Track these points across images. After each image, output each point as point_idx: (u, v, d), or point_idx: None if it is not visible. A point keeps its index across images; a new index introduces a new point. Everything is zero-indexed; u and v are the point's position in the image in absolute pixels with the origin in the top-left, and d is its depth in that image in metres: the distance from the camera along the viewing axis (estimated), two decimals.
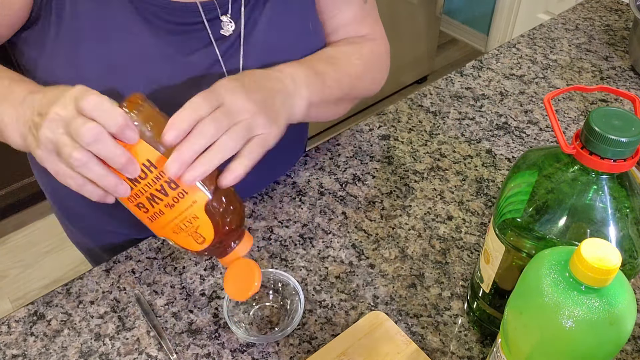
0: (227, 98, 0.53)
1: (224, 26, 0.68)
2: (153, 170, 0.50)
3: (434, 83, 1.05)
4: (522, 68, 1.09)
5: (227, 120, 0.52)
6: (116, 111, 0.47)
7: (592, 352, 0.44)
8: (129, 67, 0.64)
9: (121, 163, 0.48)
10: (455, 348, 0.66)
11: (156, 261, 0.74)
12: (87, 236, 0.89)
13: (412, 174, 0.87)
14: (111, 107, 0.47)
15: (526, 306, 0.47)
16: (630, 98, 0.51)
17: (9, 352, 0.65)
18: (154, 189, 0.51)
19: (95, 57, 0.63)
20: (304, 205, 0.82)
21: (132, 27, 0.64)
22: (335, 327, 0.68)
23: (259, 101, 0.55)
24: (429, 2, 2.36)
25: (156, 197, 0.52)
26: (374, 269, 0.74)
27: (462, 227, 0.79)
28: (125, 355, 0.65)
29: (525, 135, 0.94)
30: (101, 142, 0.47)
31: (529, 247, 0.53)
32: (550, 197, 0.51)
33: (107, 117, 0.47)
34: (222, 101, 0.53)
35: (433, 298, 0.71)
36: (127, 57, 0.64)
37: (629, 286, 0.45)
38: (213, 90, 0.52)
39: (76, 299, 0.70)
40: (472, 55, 2.91)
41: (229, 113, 0.52)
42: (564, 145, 0.49)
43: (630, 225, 0.50)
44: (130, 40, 0.64)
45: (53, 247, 1.98)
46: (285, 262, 0.74)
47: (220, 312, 0.69)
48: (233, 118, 0.52)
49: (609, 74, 1.07)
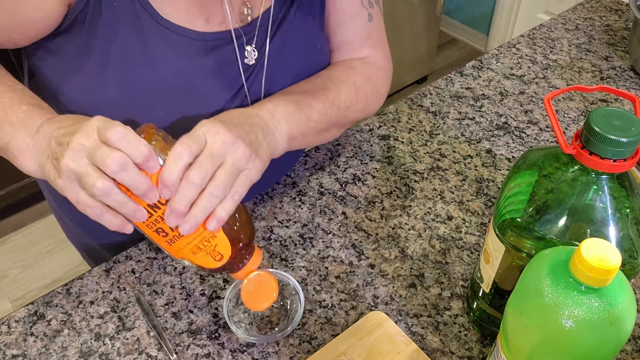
0: (208, 139, 0.54)
1: (248, 55, 0.70)
2: None
3: (434, 83, 1.05)
4: (522, 68, 1.09)
5: (211, 163, 0.53)
6: (141, 142, 0.49)
7: (592, 352, 0.44)
8: (151, 93, 0.66)
9: (143, 190, 0.50)
10: (455, 348, 0.66)
11: (156, 261, 0.74)
12: (87, 235, 0.89)
13: (412, 174, 0.87)
14: (137, 138, 0.49)
15: (526, 306, 0.47)
16: (630, 98, 0.51)
17: (9, 352, 0.65)
18: None
19: (119, 81, 0.64)
20: (304, 205, 0.82)
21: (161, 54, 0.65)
22: (335, 327, 0.68)
23: (239, 134, 0.56)
24: (429, 2, 2.36)
25: None
26: (374, 269, 0.74)
27: (462, 227, 0.79)
28: (125, 355, 0.65)
29: (525, 135, 0.94)
30: (127, 170, 0.48)
31: (529, 247, 0.53)
32: (550, 197, 0.51)
33: (133, 147, 0.49)
34: (204, 143, 0.54)
35: (433, 298, 0.71)
36: (151, 84, 0.65)
37: (629, 286, 0.45)
38: (192, 135, 0.53)
39: (76, 299, 0.70)
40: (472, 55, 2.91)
41: (212, 155, 0.53)
42: (564, 145, 0.49)
43: (630, 225, 0.50)
44: (156, 68, 0.65)
45: (53, 247, 1.98)
46: (285, 262, 0.74)
47: (220, 312, 0.69)
48: (217, 159, 0.53)
49: (609, 74, 1.07)
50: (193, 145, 0.52)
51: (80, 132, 0.50)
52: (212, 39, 0.67)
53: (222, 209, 0.54)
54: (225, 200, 0.54)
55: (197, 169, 0.52)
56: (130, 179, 0.49)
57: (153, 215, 0.52)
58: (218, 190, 0.53)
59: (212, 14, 0.66)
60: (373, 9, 0.79)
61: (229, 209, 0.54)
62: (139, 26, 0.63)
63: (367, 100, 0.78)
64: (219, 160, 0.54)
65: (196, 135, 0.53)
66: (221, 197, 0.53)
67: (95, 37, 0.62)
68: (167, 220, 0.52)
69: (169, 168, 0.51)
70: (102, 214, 0.51)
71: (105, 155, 0.48)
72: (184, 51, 0.66)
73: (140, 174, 0.49)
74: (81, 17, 0.61)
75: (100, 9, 0.61)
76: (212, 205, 0.53)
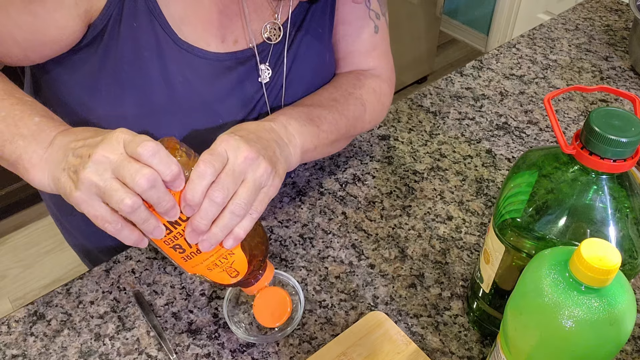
0: (230, 155, 0.53)
1: (262, 74, 0.71)
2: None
3: (434, 83, 1.05)
4: (522, 68, 1.09)
5: (233, 181, 0.52)
6: (172, 160, 0.48)
7: (592, 352, 0.44)
8: (167, 112, 0.66)
9: (167, 208, 0.49)
10: (455, 348, 0.66)
11: (156, 261, 0.74)
12: (85, 239, 0.89)
13: (412, 174, 0.87)
14: (168, 156, 0.48)
15: (526, 306, 0.47)
16: (630, 98, 0.51)
17: (9, 352, 0.65)
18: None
19: (136, 101, 0.65)
20: (303, 205, 0.82)
21: (179, 76, 0.65)
22: (335, 327, 0.68)
23: (260, 150, 0.56)
24: (429, 2, 2.36)
25: None
26: (374, 269, 0.74)
27: (462, 227, 0.79)
28: (125, 355, 0.65)
29: (525, 135, 0.94)
30: (155, 188, 0.47)
31: (529, 247, 0.53)
32: (550, 197, 0.51)
33: (165, 165, 0.48)
34: (225, 160, 0.53)
35: (433, 298, 0.71)
36: (168, 104, 0.66)
37: (629, 286, 0.45)
38: (214, 152, 0.52)
39: (76, 299, 0.70)
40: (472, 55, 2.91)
41: (234, 172, 0.52)
42: (564, 145, 0.49)
43: (630, 225, 0.50)
44: (173, 89, 0.65)
45: (53, 247, 1.98)
46: (285, 262, 0.74)
47: (220, 312, 0.69)
48: (238, 177, 0.53)
49: (609, 74, 1.07)
50: (216, 163, 0.51)
51: (104, 144, 0.49)
52: (227, 58, 0.67)
53: (240, 228, 0.53)
54: (245, 218, 0.53)
55: (219, 188, 0.51)
56: (157, 197, 0.48)
57: (172, 232, 0.52)
58: (239, 209, 0.52)
59: (227, 34, 0.67)
60: (379, 20, 0.79)
61: (247, 228, 0.54)
62: (159, 48, 0.63)
63: (373, 111, 0.79)
64: (241, 177, 0.53)
65: (218, 152, 0.52)
66: (242, 215, 0.53)
67: (113, 57, 0.62)
68: (188, 237, 0.51)
69: (193, 187, 0.50)
70: (122, 229, 0.50)
71: (135, 171, 0.47)
72: (201, 72, 0.66)
73: (167, 192, 0.48)
74: (100, 35, 0.62)
75: (119, 29, 0.61)
76: (233, 224, 0.52)
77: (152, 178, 0.47)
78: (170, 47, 0.63)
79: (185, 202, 0.50)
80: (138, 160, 0.47)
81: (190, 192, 0.49)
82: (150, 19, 0.61)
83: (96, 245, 0.89)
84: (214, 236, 0.52)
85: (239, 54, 0.68)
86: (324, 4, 0.73)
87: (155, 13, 0.61)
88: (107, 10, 0.60)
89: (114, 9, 0.60)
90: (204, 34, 0.65)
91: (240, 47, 0.69)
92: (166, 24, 0.62)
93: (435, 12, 2.43)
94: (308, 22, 0.72)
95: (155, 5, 0.61)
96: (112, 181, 0.48)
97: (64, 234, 0.95)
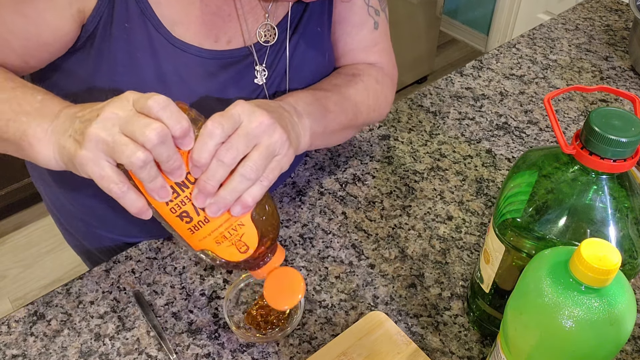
0: (244, 119, 0.51)
1: (257, 75, 0.70)
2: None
3: (434, 83, 1.05)
4: (522, 68, 1.09)
5: (245, 143, 0.50)
6: (182, 115, 0.46)
7: (592, 352, 0.44)
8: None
9: (174, 167, 0.47)
10: (455, 348, 0.66)
11: (156, 261, 0.74)
12: (84, 240, 0.89)
13: (412, 174, 0.87)
14: (178, 110, 0.46)
15: (526, 306, 0.47)
16: (630, 98, 0.51)
17: (9, 352, 0.65)
18: None
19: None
20: (304, 205, 0.82)
21: (174, 76, 0.65)
22: (335, 327, 0.68)
23: (276, 117, 0.54)
24: (429, 2, 2.36)
25: None
26: (374, 269, 0.74)
27: (462, 227, 0.79)
28: (125, 355, 0.65)
29: (525, 135, 0.94)
30: (165, 144, 0.46)
31: (529, 247, 0.53)
32: (550, 197, 0.51)
33: (175, 120, 0.46)
34: (238, 123, 0.51)
35: (433, 298, 0.71)
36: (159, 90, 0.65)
37: (629, 286, 0.45)
38: (226, 113, 0.50)
39: (76, 299, 0.70)
40: (472, 55, 2.91)
41: (247, 135, 0.50)
42: (564, 145, 0.49)
43: (630, 225, 0.50)
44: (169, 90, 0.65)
45: (53, 247, 1.98)
46: (285, 262, 0.74)
47: (220, 312, 0.69)
48: (251, 140, 0.51)
49: (609, 74, 1.07)
50: (226, 123, 0.49)
51: (113, 103, 0.47)
52: (222, 57, 0.67)
53: (249, 195, 0.51)
54: (254, 185, 0.51)
55: (228, 147, 0.49)
56: (167, 154, 0.46)
57: (180, 195, 0.49)
58: (250, 172, 0.50)
59: (220, 34, 0.67)
60: (379, 16, 0.79)
61: (256, 195, 0.51)
62: (152, 48, 0.62)
63: (377, 98, 0.78)
64: (254, 141, 0.51)
65: (230, 114, 0.50)
66: (253, 180, 0.50)
67: (106, 58, 0.62)
68: (194, 199, 0.49)
69: (200, 146, 0.48)
70: (128, 191, 0.48)
71: (145, 125, 0.44)
72: (196, 71, 0.66)
73: (175, 150, 0.47)
74: (92, 37, 0.61)
75: (111, 30, 0.61)
76: (243, 188, 0.50)
77: (163, 133, 0.45)
78: (164, 46, 0.63)
79: (192, 162, 0.48)
80: (148, 115, 0.46)
81: (197, 151, 0.48)
82: (142, 20, 0.61)
83: (95, 246, 0.89)
84: (221, 199, 0.49)
85: (235, 52, 0.68)
86: (322, 3, 0.73)
87: (147, 13, 0.61)
88: (98, 12, 0.60)
89: (105, 9, 0.60)
90: (196, 34, 0.65)
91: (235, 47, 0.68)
92: (159, 23, 0.62)
93: (435, 12, 2.43)
94: (306, 22, 0.72)
95: (147, 6, 0.61)
96: (120, 136, 0.46)
97: (64, 234, 0.95)
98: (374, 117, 0.79)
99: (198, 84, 0.66)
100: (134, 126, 0.45)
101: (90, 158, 0.47)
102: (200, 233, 0.52)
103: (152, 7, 0.61)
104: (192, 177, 0.49)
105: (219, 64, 0.67)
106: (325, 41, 0.76)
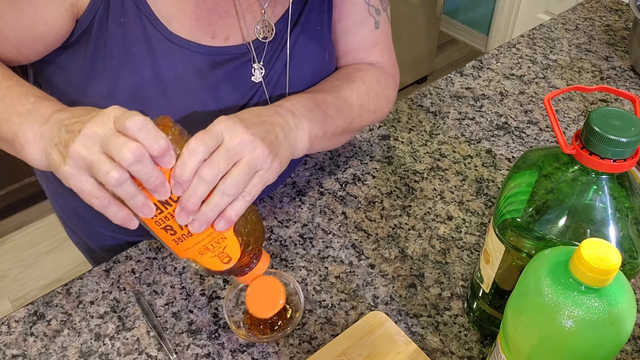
0: (225, 135, 0.52)
1: (254, 72, 0.70)
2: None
3: (434, 83, 1.05)
4: (522, 68, 1.09)
5: (225, 161, 0.51)
6: (160, 134, 0.47)
7: (592, 352, 0.44)
8: (160, 109, 0.66)
9: (155, 185, 0.48)
10: (455, 348, 0.66)
11: (156, 261, 0.74)
12: (87, 238, 0.90)
13: (412, 174, 0.87)
14: (156, 130, 0.47)
15: (526, 306, 0.47)
16: (630, 98, 0.51)
17: (9, 352, 0.65)
18: None
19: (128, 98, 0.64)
20: (304, 205, 0.82)
21: (171, 72, 0.65)
22: (335, 327, 0.68)
23: (259, 133, 0.55)
24: (429, 2, 2.36)
25: None
26: (374, 269, 0.74)
27: (462, 227, 0.79)
28: (125, 355, 0.65)
29: (525, 135, 0.94)
30: (142, 163, 0.46)
31: (529, 247, 0.53)
32: (550, 197, 0.51)
33: (152, 139, 0.47)
34: (220, 140, 0.52)
35: (433, 298, 0.71)
36: (161, 100, 0.65)
37: (629, 286, 0.45)
38: (209, 131, 0.51)
39: (76, 299, 0.70)
40: (472, 55, 2.91)
41: (228, 152, 0.51)
42: (564, 145, 0.49)
43: (630, 225, 0.50)
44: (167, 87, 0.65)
45: (53, 247, 1.98)
46: (285, 262, 0.74)
47: (220, 312, 0.69)
48: (232, 157, 0.52)
49: (609, 74, 1.07)
50: (209, 141, 0.50)
51: (94, 120, 0.48)
52: (220, 53, 0.67)
53: (232, 209, 0.52)
54: (237, 200, 0.52)
55: (209, 165, 0.50)
56: (144, 172, 0.47)
57: (163, 212, 0.51)
58: (230, 188, 0.51)
59: (217, 30, 0.66)
60: (380, 16, 0.79)
61: (239, 210, 0.52)
62: (148, 44, 0.62)
63: (378, 101, 0.78)
64: (235, 158, 0.52)
65: (213, 131, 0.51)
66: (233, 196, 0.51)
67: (102, 54, 0.62)
68: (177, 217, 0.50)
69: (182, 164, 0.49)
70: (109, 205, 0.49)
71: (121, 145, 0.46)
72: (193, 67, 0.66)
73: (154, 168, 0.48)
74: (88, 32, 0.62)
75: (107, 26, 0.61)
76: (224, 203, 0.51)
77: (139, 152, 0.46)
78: (161, 42, 0.63)
79: (174, 180, 0.49)
80: (126, 134, 0.47)
81: (179, 168, 0.49)
82: (138, 15, 0.61)
83: (97, 245, 0.89)
84: (203, 216, 0.51)
85: (232, 48, 0.68)
86: (321, 1, 0.73)
87: (143, 9, 0.61)
88: (93, 7, 0.60)
89: (100, 5, 0.60)
90: (193, 30, 0.65)
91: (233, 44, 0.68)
92: (155, 19, 0.62)
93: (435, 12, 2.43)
94: (305, 21, 0.72)
95: (142, 2, 0.61)
96: (99, 154, 0.47)
97: (68, 232, 0.96)
98: (374, 119, 0.79)
99: (194, 81, 0.66)
100: (111, 145, 0.47)
101: (72, 174, 0.49)
102: (184, 245, 0.53)
103: (148, 2, 0.61)
104: (174, 196, 0.50)
105: (216, 60, 0.67)
106: (325, 39, 0.75)
